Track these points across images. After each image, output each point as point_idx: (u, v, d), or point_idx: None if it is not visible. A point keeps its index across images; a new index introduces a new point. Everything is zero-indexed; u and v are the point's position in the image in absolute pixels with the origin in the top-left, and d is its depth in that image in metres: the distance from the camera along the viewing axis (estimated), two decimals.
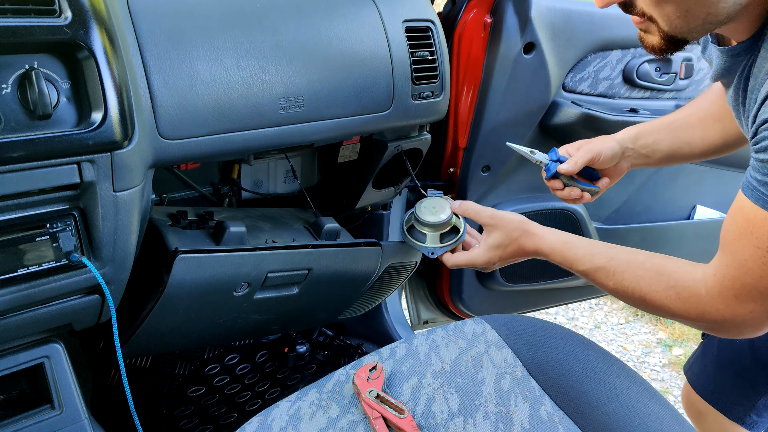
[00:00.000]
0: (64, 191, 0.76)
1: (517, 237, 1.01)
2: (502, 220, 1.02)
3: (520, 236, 1.01)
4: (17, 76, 0.69)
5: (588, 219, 1.59)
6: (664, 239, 1.77)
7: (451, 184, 1.47)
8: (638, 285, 0.88)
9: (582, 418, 0.82)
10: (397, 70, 1.11)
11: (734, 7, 0.75)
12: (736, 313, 0.80)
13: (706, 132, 1.15)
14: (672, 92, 1.59)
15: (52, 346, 0.89)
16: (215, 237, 1.02)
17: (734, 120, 1.13)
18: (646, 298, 0.87)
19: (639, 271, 0.89)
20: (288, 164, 1.26)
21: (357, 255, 1.17)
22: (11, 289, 0.75)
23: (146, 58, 0.84)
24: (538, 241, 1.00)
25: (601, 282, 0.93)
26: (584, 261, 0.95)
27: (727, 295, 0.79)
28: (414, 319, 1.74)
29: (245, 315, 1.13)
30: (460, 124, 1.38)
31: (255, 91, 0.94)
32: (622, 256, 0.92)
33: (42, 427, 0.86)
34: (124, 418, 0.96)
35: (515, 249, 1.02)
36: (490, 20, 1.31)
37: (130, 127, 0.77)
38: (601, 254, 0.94)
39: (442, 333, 0.95)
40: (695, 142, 1.15)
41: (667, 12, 0.76)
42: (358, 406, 0.82)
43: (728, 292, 0.79)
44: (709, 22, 0.76)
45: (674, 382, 2.25)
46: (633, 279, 0.89)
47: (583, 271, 0.95)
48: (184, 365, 1.38)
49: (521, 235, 1.01)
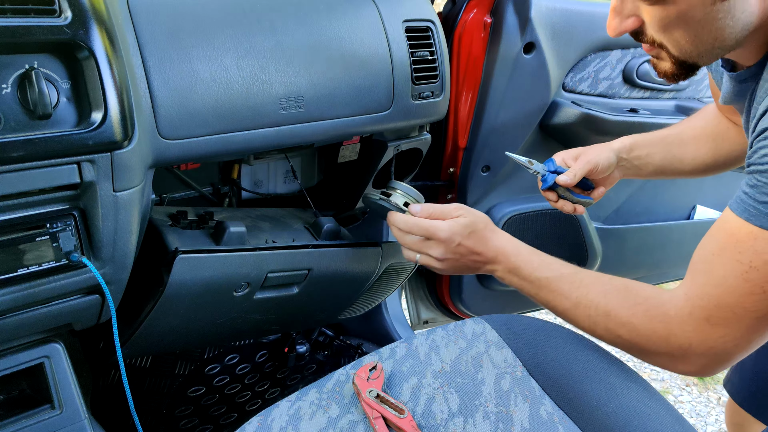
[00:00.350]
0: (64, 191, 0.76)
1: (483, 227, 0.97)
2: (469, 210, 0.98)
3: (486, 228, 0.97)
4: (17, 76, 0.69)
5: (588, 219, 1.59)
6: (664, 239, 1.77)
7: (451, 184, 1.47)
8: (605, 299, 0.84)
9: (582, 418, 0.82)
10: (397, 70, 1.11)
11: (742, 33, 0.76)
12: (704, 337, 0.76)
13: (698, 150, 1.16)
14: (672, 92, 1.59)
15: (52, 346, 0.89)
16: (215, 237, 1.02)
17: (726, 141, 1.15)
18: (611, 313, 0.83)
19: (606, 286, 0.86)
20: (288, 164, 1.26)
21: (357, 255, 1.17)
22: (11, 289, 0.75)
23: (146, 58, 0.84)
24: (503, 239, 0.97)
25: (562, 292, 0.89)
26: (551, 267, 0.91)
27: (699, 316, 0.76)
28: (414, 319, 1.74)
29: (245, 315, 1.13)
30: (460, 124, 1.38)
31: (255, 91, 0.94)
32: (589, 272, 0.90)
33: (42, 427, 0.86)
34: (124, 418, 0.96)
35: (477, 240, 0.96)
36: (490, 20, 1.31)
37: (130, 127, 0.77)
38: (567, 266, 0.92)
39: (442, 333, 0.95)
40: (686, 159, 1.16)
41: (675, 38, 0.77)
42: (358, 406, 0.82)
43: (700, 313, 0.75)
44: (718, 47, 0.77)
45: (674, 382, 2.25)
46: (600, 293, 0.85)
47: (546, 278, 0.91)
48: (184, 365, 1.38)
49: (486, 227, 0.97)
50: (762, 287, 0.70)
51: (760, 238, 0.69)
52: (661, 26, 0.76)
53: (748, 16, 0.74)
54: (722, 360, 0.78)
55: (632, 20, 0.79)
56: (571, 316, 0.89)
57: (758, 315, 0.72)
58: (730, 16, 0.73)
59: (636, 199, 1.70)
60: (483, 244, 0.96)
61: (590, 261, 1.61)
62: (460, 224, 0.96)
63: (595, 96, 1.50)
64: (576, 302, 0.87)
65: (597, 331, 0.86)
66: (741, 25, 0.74)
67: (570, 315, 0.89)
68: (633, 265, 1.78)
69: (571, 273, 0.90)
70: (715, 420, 2.07)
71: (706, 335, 0.76)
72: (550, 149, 1.51)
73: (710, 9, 0.72)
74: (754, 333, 0.74)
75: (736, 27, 0.74)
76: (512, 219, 1.49)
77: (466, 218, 0.96)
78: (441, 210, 0.98)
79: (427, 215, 0.98)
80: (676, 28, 0.75)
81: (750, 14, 0.74)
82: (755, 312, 0.72)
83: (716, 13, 0.73)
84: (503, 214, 1.49)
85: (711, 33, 0.75)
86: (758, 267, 0.70)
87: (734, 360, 0.78)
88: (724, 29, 0.74)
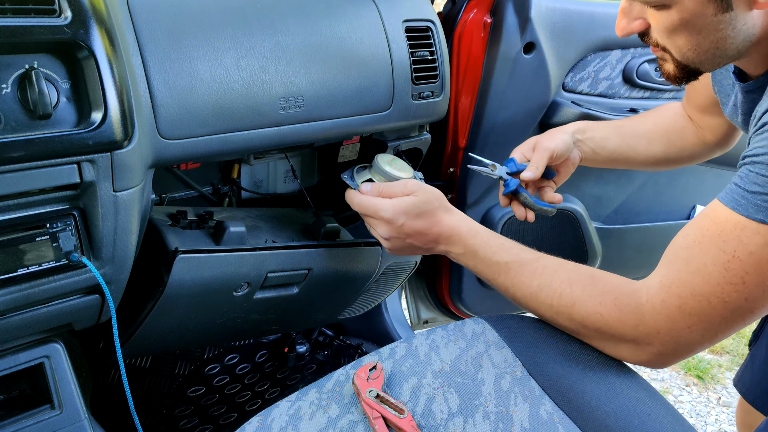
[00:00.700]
0: (64, 191, 0.76)
1: (436, 206, 0.94)
2: (422, 187, 0.95)
3: (439, 207, 0.94)
4: (17, 76, 0.69)
5: (588, 219, 1.58)
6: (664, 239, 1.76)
7: (451, 184, 1.47)
8: (570, 288, 0.82)
9: (582, 418, 0.82)
10: (397, 70, 1.11)
11: (744, 44, 0.77)
12: (674, 326, 0.76)
13: (650, 143, 1.18)
14: (672, 92, 1.59)
15: (52, 346, 0.89)
16: (215, 237, 1.02)
17: (679, 139, 1.18)
18: (576, 302, 0.82)
19: (572, 274, 0.84)
20: (288, 164, 1.26)
21: (357, 255, 1.17)
22: (11, 289, 0.75)
23: (146, 58, 0.84)
24: (457, 219, 0.94)
25: (522, 279, 0.86)
26: (511, 252, 0.89)
27: (672, 304, 0.75)
28: (414, 319, 1.74)
29: (245, 315, 1.13)
30: (460, 124, 1.38)
31: (255, 91, 0.94)
32: (553, 259, 0.88)
33: (42, 427, 0.86)
34: (124, 418, 0.96)
35: (427, 220, 0.93)
36: (490, 20, 1.31)
37: (130, 126, 0.77)
38: (529, 251, 0.89)
39: (441, 333, 0.95)
40: (639, 150, 1.17)
41: (678, 44, 0.79)
42: (358, 405, 0.82)
43: (673, 301, 0.75)
44: (719, 55, 0.79)
45: (674, 382, 2.25)
46: (564, 281, 0.83)
47: (505, 263, 0.88)
48: (184, 365, 1.38)
49: (439, 208, 0.94)
50: (742, 278, 0.70)
51: (747, 228, 0.70)
52: (666, 31, 0.78)
53: (750, 27, 0.75)
54: (683, 351, 0.78)
55: (639, 23, 0.81)
56: (532, 304, 0.87)
57: (732, 307, 0.72)
58: (731, 27, 0.75)
59: (636, 199, 1.70)
60: (434, 224, 0.94)
61: (590, 261, 1.61)
62: (407, 203, 0.94)
63: (595, 96, 1.50)
64: (537, 289, 0.86)
65: (558, 321, 0.86)
66: (743, 36, 0.76)
67: (530, 303, 0.87)
68: (633, 265, 1.78)
69: (532, 259, 0.88)
70: (715, 420, 2.07)
71: (675, 323, 0.76)
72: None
73: (712, 19, 0.74)
74: (722, 325, 0.74)
75: (737, 38, 0.76)
76: (512, 219, 1.49)
77: (415, 197, 0.94)
78: (390, 189, 0.97)
79: (376, 193, 0.97)
80: (679, 34, 0.77)
81: (752, 26, 0.75)
82: (729, 303, 0.72)
83: (718, 23, 0.74)
84: (503, 214, 1.49)
85: (713, 42, 0.77)
86: (741, 257, 0.70)
87: (694, 352, 0.79)
88: (725, 39, 0.76)
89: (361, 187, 1.00)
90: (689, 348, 0.78)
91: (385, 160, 1.04)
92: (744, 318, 0.74)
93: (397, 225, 0.94)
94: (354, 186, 1.02)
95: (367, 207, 0.97)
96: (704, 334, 0.75)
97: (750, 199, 0.70)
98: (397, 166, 1.04)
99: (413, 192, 0.95)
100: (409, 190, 0.95)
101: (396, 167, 1.04)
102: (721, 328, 0.75)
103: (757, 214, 0.69)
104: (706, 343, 0.77)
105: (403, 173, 1.03)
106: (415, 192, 0.95)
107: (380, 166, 1.03)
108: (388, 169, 1.02)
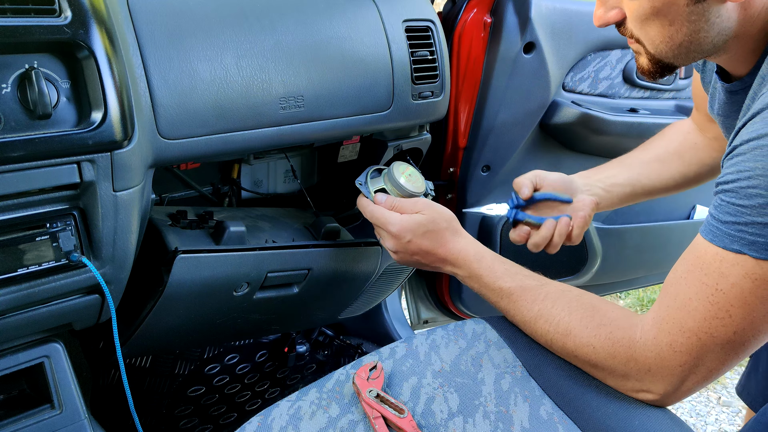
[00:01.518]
0: (63, 191, 0.76)
1: (446, 227, 0.95)
2: (432, 207, 0.96)
3: (447, 228, 0.95)
4: (17, 76, 0.69)
5: None
6: (664, 239, 1.77)
7: (451, 184, 1.47)
8: (568, 317, 0.82)
9: (582, 418, 0.82)
10: (397, 70, 1.11)
11: (720, 38, 0.76)
12: (664, 365, 0.74)
13: (664, 165, 1.14)
14: (672, 92, 1.59)
15: (52, 346, 0.89)
16: (215, 237, 1.02)
17: (695, 155, 1.13)
18: (572, 332, 0.81)
19: (572, 303, 0.83)
20: (288, 164, 1.26)
21: (357, 255, 1.17)
22: (11, 288, 0.75)
23: (146, 58, 0.84)
24: (463, 243, 0.95)
25: (524, 304, 0.87)
26: (514, 278, 0.89)
27: (662, 341, 0.74)
28: (414, 318, 1.74)
29: (245, 315, 1.13)
30: (460, 124, 1.38)
31: (255, 91, 0.93)
32: (556, 285, 0.87)
33: (42, 426, 0.86)
34: (124, 418, 0.96)
35: (433, 240, 0.94)
36: (490, 20, 1.31)
37: (130, 126, 0.77)
38: (534, 277, 0.89)
39: (442, 333, 0.95)
40: (653, 176, 1.14)
41: (651, 36, 0.78)
42: (358, 405, 0.82)
43: (664, 338, 0.73)
44: (693, 50, 0.78)
45: None
46: (564, 309, 0.83)
47: (507, 288, 0.89)
48: (183, 365, 1.38)
49: (448, 228, 0.95)
50: (727, 311, 0.68)
51: (726, 260, 0.68)
52: (639, 21, 0.77)
53: (725, 21, 0.74)
54: (677, 393, 0.76)
55: (615, 12, 0.80)
56: (530, 329, 0.88)
57: (720, 342, 0.70)
58: (704, 20, 0.73)
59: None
60: (440, 245, 0.95)
61: (590, 261, 1.61)
62: (415, 221, 0.95)
63: (595, 96, 1.50)
64: (537, 315, 0.86)
65: (553, 347, 0.86)
66: (717, 29, 0.75)
67: (528, 328, 0.88)
68: (633, 265, 1.78)
69: (535, 285, 0.88)
70: (715, 420, 2.07)
71: (665, 361, 0.74)
72: (549, 149, 1.51)
73: (684, 9, 0.73)
74: (715, 362, 0.72)
75: (711, 31, 0.75)
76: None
77: (423, 216, 0.95)
78: (402, 204, 0.98)
79: (389, 206, 0.98)
80: (651, 24, 0.76)
81: (727, 19, 0.74)
82: (718, 338, 0.70)
83: (690, 14, 0.73)
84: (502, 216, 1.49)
85: (686, 34, 0.75)
86: (724, 290, 0.68)
87: (689, 392, 0.76)
88: (698, 32, 0.75)
89: (376, 197, 1.01)
90: (683, 389, 0.76)
91: (400, 170, 1.03)
92: (737, 353, 0.71)
93: (404, 241, 0.96)
94: (367, 193, 1.02)
95: (377, 218, 0.98)
96: (697, 373, 0.73)
97: (724, 230, 0.68)
98: (412, 180, 1.03)
99: (421, 211, 0.96)
100: (418, 208, 0.96)
101: (410, 181, 1.03)
102: (715, 366, 0.73)
103: (732, 244, 0.67)
104: (702, 382, 0.75)
105: (416, 187, 1.02)
106: (423, 211, 0.96)
107: (395, 177, 1.02)
108: (402, 182, 1.01)
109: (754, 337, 0.70)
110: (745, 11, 0.74)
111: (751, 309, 0.67)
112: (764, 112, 0.68)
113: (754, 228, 0.65)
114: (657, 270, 1.85)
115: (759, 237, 0.65)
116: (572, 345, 0.82)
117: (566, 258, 1.58)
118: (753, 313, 0.68)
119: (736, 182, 0.68)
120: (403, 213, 0.97)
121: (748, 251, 0.66)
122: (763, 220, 0.65)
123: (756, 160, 0.66)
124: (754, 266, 0.66)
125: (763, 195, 0.65)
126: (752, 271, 0.66)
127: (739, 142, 0.69)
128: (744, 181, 0.66)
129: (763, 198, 0.65)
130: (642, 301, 2.65)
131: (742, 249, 0.67)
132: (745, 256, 0.66)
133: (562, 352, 0.85)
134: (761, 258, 0.65)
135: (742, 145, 0.68)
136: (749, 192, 0.66)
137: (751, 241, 0.66)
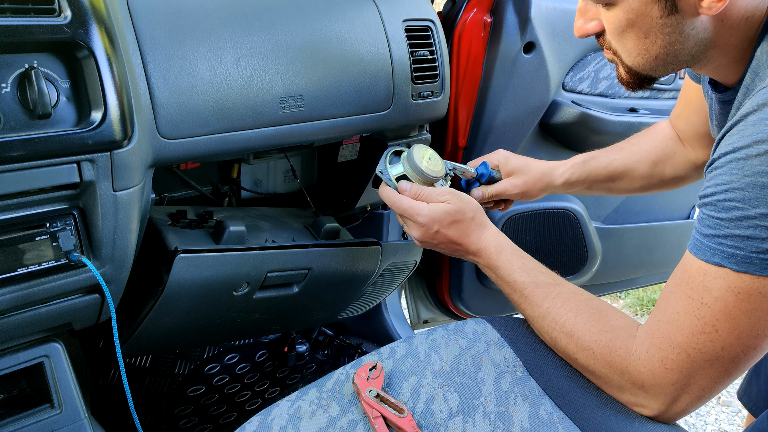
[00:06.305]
0: (63, 190, 0.76)
1: (472, 217, 0.95)
2: (458, 197, 0.96)
3: (473, 219, 0.95)
4: (17, 76, 0.69)
5: (588, 219, 1.59)
6: (664, 239, 1.77)
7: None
8: (575, 318, 0.82)
9: (582, 419, 0.82)
10: (397, 70, 1.11)
11: (697, 49, 0.76)
12: (657, 382, 0.73)
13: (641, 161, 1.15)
14: (672, 92, 1.59)
15: (51, 346, 0.89)
16: (215, 236, 1.02)
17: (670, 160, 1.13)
18: (575, 334, 0.81)
19: (581, 305, 0.83)
20: (288, 164, 1.26)
21: (357, 255, 1.17)
22: (11, 288, 0.75)
23: (146, 58, 0.84)
24: (487, 235, 0.95)
25: (534, 300, 0.87)
26: (529, 273, 0.89)
27: (654, 357, 0.73)
28: (414, 318, 1.74)
29: (245, 314, 1.13)
30: (459, 124, 1.38)
31: (255, 91, 0.94)
32: (569, 286, 0.87)
33: (42, 426, 0.86)
34: (124, 418, 0.96)
35: (459, 231, 0.94)
36: (490, 20, 1.31)
37: (130, 126, 0.77)
38: (549, 275, 0.90)
39: (442, 332, 0.95)
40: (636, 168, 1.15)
41: (628, 48, 0.78)
42: (358, 405, 0.82)
43: (656, 354, 0.73)
44: (670, 62, 0.78)
45: None
46: (572, 310, 0.83)
47: (521, 283, 0.89)
48: (183, 364, 1.38)
49: (474, 219, 0.95)
50: (713, 325, 0.68)
51: (708, 273, 0.68)
52: (615, 32, 0.77)
53: (701, 32, 0.74)
54: (672, 411, 0.75)
55: (594, 24, 0.81)
56: (537, 326, 0.88)
57: (709, 358, 0.70)
58: (678, 32, 0.73)
59: (636, 198, 1.70)
60: (465, 236, 0.95)
61: (590, 261, 1.61)
62: (442, 210, 0.94)
63: (595, 95, 1.50)
64: (545, 312, 0.86)
65: (557, 347, 0.86)
66: (693, 41, 0.75)
67: (535, 324, 0.88)
68: (633, 265, 1.78)
69: (549, 283, 0.88)
70: (715, 420, 2.08)
71: (658, 379, 0.73)
72: (549, 149, 1.51)
73: (658, 21, 0.73)
74: (707, 380, 0.71)
75: (687, 43, 0.75)
76: (512, 219, 1.49)
77: (450, 205, 0.95)
78: (428, 193, 0.97)
79: (414, 195, 0.97)
80: (628, 36, 0.77)
81: (702, 30, 0.74)
82: (706, 354, 0.69)
83: (663, 26, 0.73)
84: (503, 214, 1.49)
85: (661, 46, 0.75)
86: (709, 304, 0.68)
87: (686, 411, 0.75)
88: (674, 44, 0.75)
89: (399, 186, 0.99)
90: (676, 409, 0.75)
91: (420, 154, 1.00)
92: (728, 370, 0.70)
93: (431, 231, 0.95)
94: (388, 181, 1.00)
95: (404, 209, 0.97)
96: (689, 392, 0.73)
97: (706, 243, 0.68)
98: (432, 163, 1.01)
99: (447, 200, 0.96)
100: (444, 197, 0.96)
101: (431, 165, 1.00)
102: (707, 384, 0.72)
103: (713, 257, 0.67)
104: (696, 402, 0.74)
105: (437, 171, 1.01)
106: (450, 200, 0.95)
107: (416, 163, 0.99)
108: (423, 167, 0.99)
109: (744, 353, 0.69)
110: (722, 22, 0.73)
111: (737, 323, 0.67)
112: (740, 125, 0.68)
113: (733, 240, 0.66)
114: (657, 270, 1.85)
115: (738, 250, 0.65)
116: (574, 347, 0.82)
117: (566, 258, 1.58)
118: (738, 327, 0.67)
119: (714, 195, 0.68)
120: (429, 202, 0.96)
121: (728, 264, 0.66)
122: (741, 233, 0.65)
123: (732, 173, 0.66)
124: (736, 279, 0.66)
125: (739, 208, 0.65)
126: (734, 284, 0.66)
127: (717, 156, 0.69)
128: (721, 194, 0.67)
129: (739, 211, 0.65)
130: (642, 301, 2.65)
131: (722, 262, 0.67)
132: (726, 270, 0.66)
133: (565, 353, 0.85)
134: (741, 271, 0.66)
135: (720, 158, 0.68)
136: (726, 205, 0.66)
137: (730, 254, 0.66)
